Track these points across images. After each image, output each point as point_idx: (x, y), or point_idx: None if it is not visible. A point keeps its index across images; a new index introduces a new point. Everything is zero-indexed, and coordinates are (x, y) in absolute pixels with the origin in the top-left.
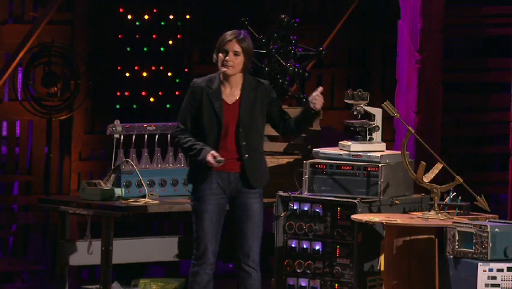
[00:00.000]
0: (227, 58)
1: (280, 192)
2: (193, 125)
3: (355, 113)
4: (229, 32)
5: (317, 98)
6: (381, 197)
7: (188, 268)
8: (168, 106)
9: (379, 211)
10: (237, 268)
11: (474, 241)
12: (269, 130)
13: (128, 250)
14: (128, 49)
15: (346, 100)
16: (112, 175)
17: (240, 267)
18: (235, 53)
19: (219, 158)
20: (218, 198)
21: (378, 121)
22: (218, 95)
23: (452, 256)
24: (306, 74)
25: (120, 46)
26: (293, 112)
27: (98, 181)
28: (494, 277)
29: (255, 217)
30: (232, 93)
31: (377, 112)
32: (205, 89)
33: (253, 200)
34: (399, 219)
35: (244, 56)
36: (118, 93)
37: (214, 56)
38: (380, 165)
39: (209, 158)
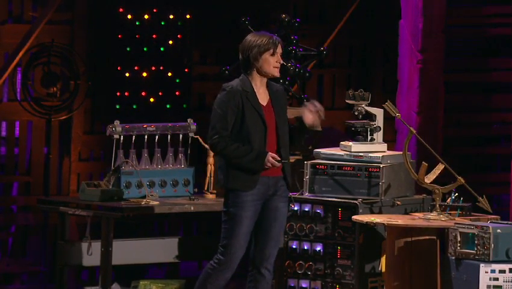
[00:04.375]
0: (280, 61)
1: None
2: (233, 130)
3: (356, 113)
4: (266, 35)
5: (309, 114)
6: (382, 197)
7: (188, 270)
8: (168, 106)
9: (380, 212)
10: (251, 268)
11: (476, 242)
12: None
13: (128, 251)
14: (128, 49)
15: (347, 101)
16: (112, 176)
17: (255, 268)
18: (281, 55)
19: (279, 158)
20: (256, 204)
21: (379, 121)
22: (255, 97)
23: (453, 258)
24: (307, 74)
25: (119, 46)
26: (294, 112)
27: (98, 182)
28: (496, 279)
29: (282, 220)
30: (263, 95)
31: (378, 112)
32: (243, 93)
33: (283, 204)
34: (400, 220)
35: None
36: (118, 93)
37: (257, 58)
38: (381, 166)
39: (271, 159)
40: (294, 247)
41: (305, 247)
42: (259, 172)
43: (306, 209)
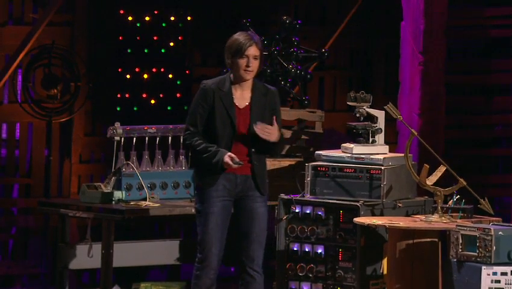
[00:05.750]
0: (249, 64)
1: (282, 195)
2: (204, 127)
3: (357, 115)
4: (242, 36)
5: (263, 132)
6: (384, 200)
7: (189, 272)
8: (169, 108)
9: (381, 214)
10: (240, 271)
11: (477, 244)
12: None
13: (129, 254)
14: (129, 50)
15: (348, 102)
16: (113, 178)
17: (243, 271)
18: (255, 58)
19: (237, 160)
20: (224, 201)
21: (381, 123)
22: (230, 98)
23: (455, 260)
24: (308, 76)
25: (120, 47)
26: (295, 114)
27: (98, 184)
28: (498, 281)
29: (260, 220)
30: (242, 97)
31: (380, 114)
32: (217, 91)
33: (259, 204)
34: (401, 222)
35: (261, 59)
36: (118, 95)
37: (228, 61)
38: (383, 168)
39: (227, 159)
40: (295, 249)
41: (306, 249)
42: (219, 169)
43: (308, 211)
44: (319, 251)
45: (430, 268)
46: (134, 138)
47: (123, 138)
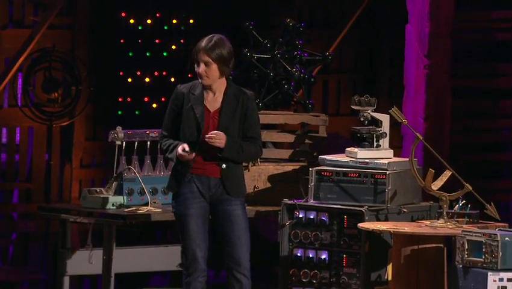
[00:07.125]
0: (199, 70)
1: (286, 200)
2: (176, 131)
3: (361, 119)
4: (203, 40)
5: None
6: (389, 205)
7: None
8: None
9: (386, 219)
10: (227, 276)
11: (484, 250)
12: (275, 137)
13: (130, 259)
14: (130, 54)
15: (352, 106)
16: (114, 183)
17: (230, 275)
18: (206, 64)
19: (187, 149)
20: (200, 202)
21: (385, 127)
22: (200, 101)
23: (461, 266)
24: (312, 79)
25: (122, 51)
26: (299, 118)
27: (100, 189)
28: (504, 287)
29: (239, 222)
30: (215, 100)
31: (384, 118)
32: (187, 95)
33: (235, 207)
34: (406, 227)
35: (218, 63)
36: (120, 99)
37: (195, 66)
38: (387, 173)
39: (179, 149)
40: (299, 255)
41: (310, 255)
42: (186, 168)
43: (312, 217)
44: (323, 257)
45: (436, 274)
46: (136, 143)
47: (124, 143)
